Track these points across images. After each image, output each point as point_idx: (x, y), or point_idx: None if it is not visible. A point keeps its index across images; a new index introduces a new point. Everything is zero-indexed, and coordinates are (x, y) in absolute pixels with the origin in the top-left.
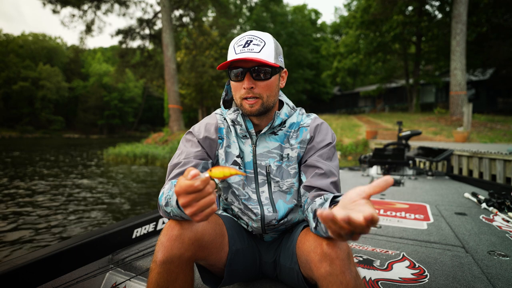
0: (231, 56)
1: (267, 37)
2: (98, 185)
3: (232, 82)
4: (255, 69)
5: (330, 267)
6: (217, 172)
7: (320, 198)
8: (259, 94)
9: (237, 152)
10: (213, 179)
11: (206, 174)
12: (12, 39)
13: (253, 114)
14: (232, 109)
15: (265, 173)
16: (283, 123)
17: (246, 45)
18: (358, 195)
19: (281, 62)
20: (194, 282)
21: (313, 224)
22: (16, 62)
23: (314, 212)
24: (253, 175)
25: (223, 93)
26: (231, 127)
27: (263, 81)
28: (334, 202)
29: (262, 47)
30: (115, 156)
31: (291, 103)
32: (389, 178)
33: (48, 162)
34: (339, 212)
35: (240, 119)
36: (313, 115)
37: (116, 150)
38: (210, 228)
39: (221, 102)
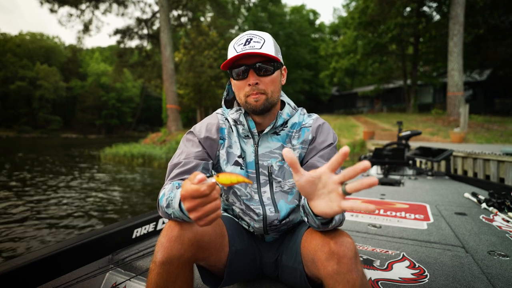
0: (232, 55)
1: (266, 35)
2: (90, 188)
3: (234, 82)
4: (258, 65)
5: (337, 266)
6: (224, 178)
7: None
8: (263, 90)
9: (238, 152)
10: (219, 185)
11: (213, 180)
12: (10, 38)
13: (258, 109)
14: (234, 108)
15: (267, 173)
16: (285, 123)
17: (247, 43)
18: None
19: (280, 58)
20: (193, 283)
21: (305, 219)
22: (13, 62)
23: (303, 208)
24: (255, 175)
25: (225, 93)
26: (233, 127)
27: (267, 77)
28: None
29: (263, 43)
30: (113, 156)
31: (292, 103)
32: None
33: (40, 163)
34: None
35: (242, 118)
36: (315, 115)
37: (114, 150)
38: (210, 229)
39: (223, 102)
